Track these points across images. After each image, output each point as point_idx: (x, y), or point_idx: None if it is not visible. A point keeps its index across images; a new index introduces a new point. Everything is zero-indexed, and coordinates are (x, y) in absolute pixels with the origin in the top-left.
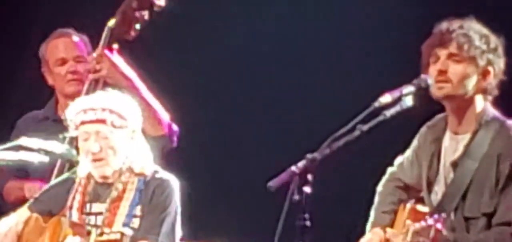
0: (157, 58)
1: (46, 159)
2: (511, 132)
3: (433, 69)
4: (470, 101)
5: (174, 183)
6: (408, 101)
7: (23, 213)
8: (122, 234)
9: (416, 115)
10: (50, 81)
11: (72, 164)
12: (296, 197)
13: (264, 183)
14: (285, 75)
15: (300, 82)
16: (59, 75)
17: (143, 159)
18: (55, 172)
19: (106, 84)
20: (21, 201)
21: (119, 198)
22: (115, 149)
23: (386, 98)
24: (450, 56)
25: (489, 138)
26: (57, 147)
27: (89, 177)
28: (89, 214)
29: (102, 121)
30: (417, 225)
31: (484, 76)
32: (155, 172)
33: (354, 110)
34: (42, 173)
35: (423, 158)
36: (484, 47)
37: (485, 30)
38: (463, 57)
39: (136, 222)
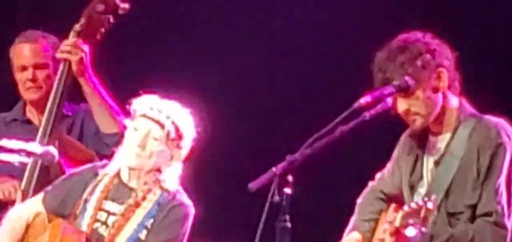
0: (142, 57)
1: (26, 160)
2: (489, 124)
3: (399, 113)
4: (444, 105)
5: (190, 210)
6: (389, 102)
7: (36, 204)
8: None
9: (396, 116)
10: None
11: (46, 165)
12: (277, 198)
13: (244, 184)
14: (266, 76)
15: (281, 83)
16: (20, 81)
17: (171, 177)
18: (27, 171)
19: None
20: None
21: (137, 205)
22: (154, 155)
23: (366, 99)
24: (400, 96)
25: (468, 134)
26: (38, 148)
27: (115, 175)
28: (101, 209)
29: (161, 125)
30: (406, 208)
31: (439, 81)
32: (177, 192)
33: (335, 110)
34: (11, 170)
35: (404, 164)
36: (420, 62)
37: (409, 41)
38: (409, 91)
39: (144, 234)
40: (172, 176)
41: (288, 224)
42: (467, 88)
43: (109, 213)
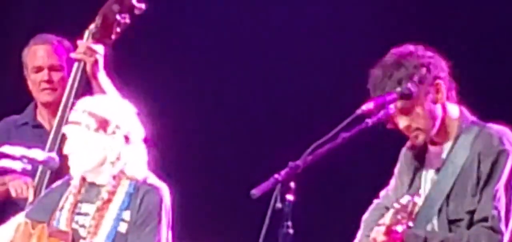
0: (142, 60)
1: (29, 166)
2: (491, 131)
3: (401, 129)
4: (444, 115)
5: (164, 190)
6: (391, 109)
7: (19, 219)
8: None
9: (396, 131)
10: (30, 86)
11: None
12: (279, 204)
13: (247, 190)
14: (268, 81)
15: (283, 89)
16: (35, 83)
17: (135, 163)
18: (35, 182)
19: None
20: (5, 197)
21: (109, 201)
22: (85, 151)
23: (369, 106)
24: (401, 111)
25: (470, 141)
26: (40, 155)
27: (83, 178)
28: (79, 214)
29: (77, 123)
30: (396, 204)
31: (438, 90)
32: (147, 177)
33: (337, 117)
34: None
35: (405, 176)
36: (417, 77)
37: (403, 57)
38: (410, 105)
39: (123, 227)
40: (136, 163)
41: (291, 231)
42: (468, 96)
43: (85, 215)
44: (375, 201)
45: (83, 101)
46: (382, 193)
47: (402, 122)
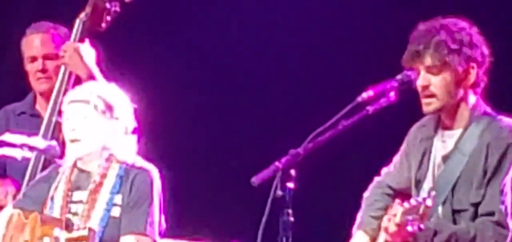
0: (141, 47)
1: (29, 154)
2: (501, 124)
3: (418, 85)
4: (461, 100)
5: (154, 172)
6: (392, 96)
7: (8, 211)
8: (90, 229)
9: (399, 110)
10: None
11: (46, 163)
12: (280, 192)
13: (247, 178)
14: (268, 69)
15: (284, 77)
16: (31, 73)
17: (125, 149)
18: (29, 170)
19: (78, 78)
20: None
21: (100, 184)
22: (92, 131)
23: (369, 93)
24: (428, 69)
25: (479, 132)
26: (40, 143)
27: (73, 165)
28: (71, 202)
29: (86, 101)
30: (406, 204)
31: (467, 75)
32: (136, 161)
33: (338, 105)
34: (15, 171)
35: (413, 158)
36: (457, 46)
37: (455, 26)
38: (440, 68)
39: (116, 211)
40: (126, 149)
41: (291, 218)
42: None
43: (78, 203)
44: (376, 179)
45: (89, 84)
46: (384, 170)
47: (423, 80)
